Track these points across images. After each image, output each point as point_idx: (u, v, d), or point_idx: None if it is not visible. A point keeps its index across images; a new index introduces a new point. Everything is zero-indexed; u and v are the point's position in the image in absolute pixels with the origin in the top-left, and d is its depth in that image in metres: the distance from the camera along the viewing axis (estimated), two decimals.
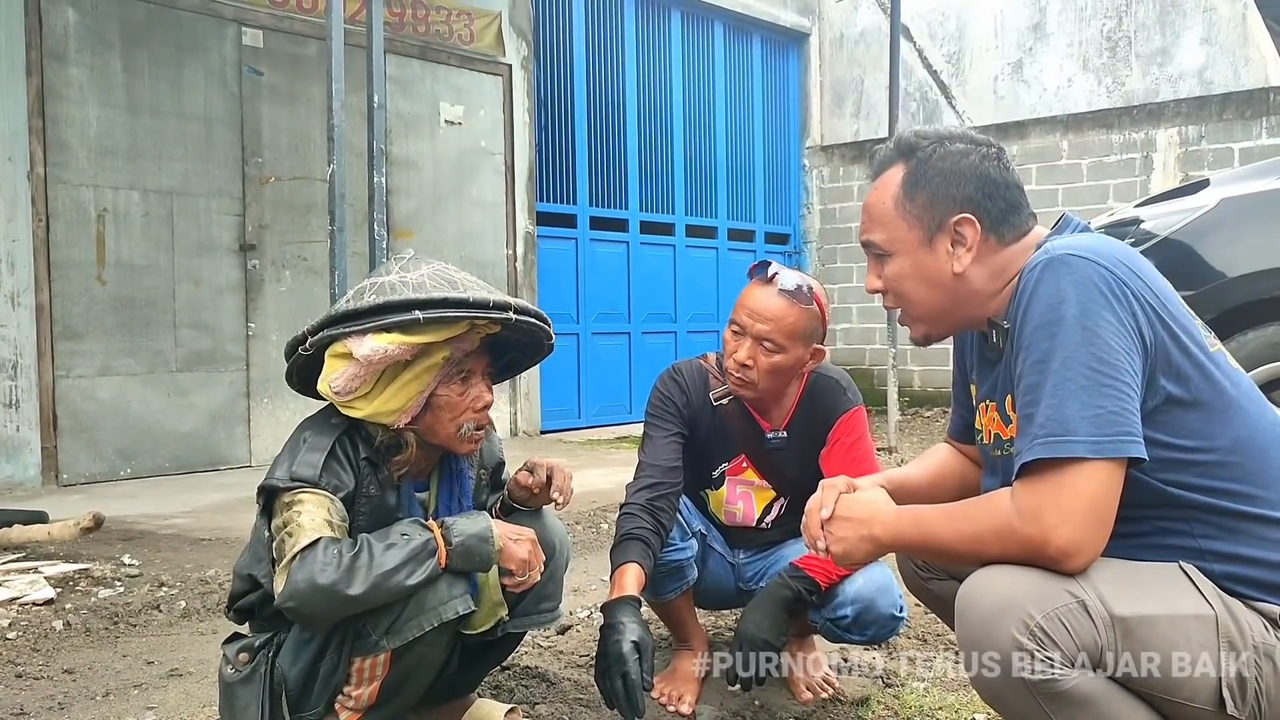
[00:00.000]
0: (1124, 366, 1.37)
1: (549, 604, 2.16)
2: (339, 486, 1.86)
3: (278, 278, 6.33)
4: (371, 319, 1.79)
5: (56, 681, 2.65)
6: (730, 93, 9.54)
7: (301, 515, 1.78)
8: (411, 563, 1.77)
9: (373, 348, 1.78)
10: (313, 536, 1.75)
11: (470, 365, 1.93)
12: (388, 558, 1.75)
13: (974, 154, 1.60)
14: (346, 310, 1.83)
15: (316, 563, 1.72)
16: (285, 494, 1.83)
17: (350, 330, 1.81)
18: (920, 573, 1.93)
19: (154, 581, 3.55)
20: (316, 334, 1.85)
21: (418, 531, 1.82)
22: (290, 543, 1.76)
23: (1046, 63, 9.07)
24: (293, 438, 1.93)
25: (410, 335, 1.80)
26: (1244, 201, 3.73)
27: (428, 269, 1.90)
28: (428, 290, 1.83)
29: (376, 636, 1.82)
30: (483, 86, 7.45)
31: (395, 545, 1.77)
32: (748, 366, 2.30)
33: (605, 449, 7.08)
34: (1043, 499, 1.35)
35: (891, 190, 1.63)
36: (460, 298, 1.82)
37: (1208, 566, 1.41)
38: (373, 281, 1.89)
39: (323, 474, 1.84)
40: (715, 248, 9.41)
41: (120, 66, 5.66)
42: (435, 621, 1.83)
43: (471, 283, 1.90)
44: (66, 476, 5.48)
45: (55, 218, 5.41)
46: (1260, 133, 7.75)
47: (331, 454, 1.86)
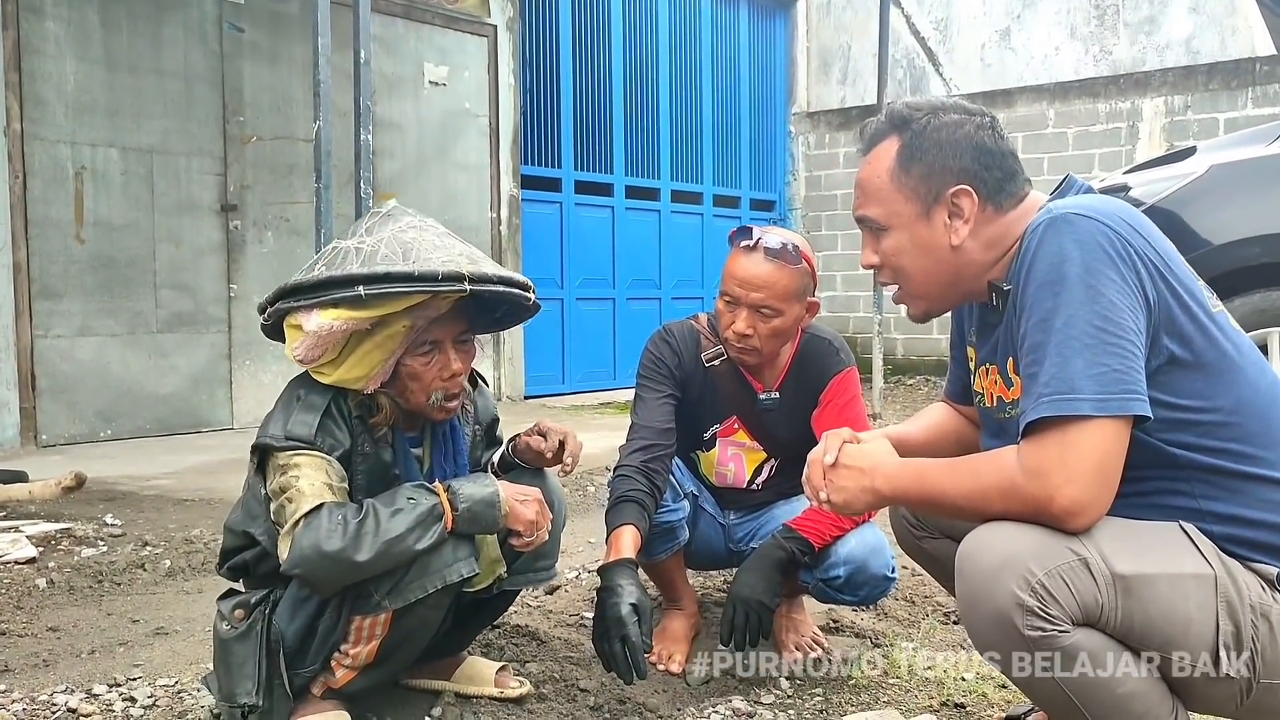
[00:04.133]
0: (1128, 325, 1.36)
1: (545, 562, 2.16)
2: (335, 445, 1.83)
3: (260, 239, 6.26)
4: (316, 294, 1.77)
5: (41, 639, 2.63)
6: (717, 58, 9.46)
7: (300, 479, 1.76)
8: (419, 528, 1.76)
9: (319, 323, 1.76)
10: (315, 502, 1.73)
11: (437, 334, 1.88)
12: (395, 523, 1.74)
13: (968, 124, 1.58)
14: (294, 284, 1.80)
15: (322, 529, 1.70)
16: (281, 454, 1.80)
17: (297, 305, 1.79)
18: (914, 531, 1.94)
19: (138, 541, 3.53)
20: (269, 308, 1.85)
21: (424, 496, 1.80)
22: (291, 508, 1.74)
23: (1034, 30, 9.04)
24: (286, 394, 1.90)
25: (357, 310, 1.76)
26: (1232, 168, 3.73)
27: (391, 231, 1.85)
28: (378, 260, 1.77)
29: (379, 597, 1.80)
30: (467, 47, 7.36)
31: (402, 510, 1.76)
32: (748, 335, 2.29)
33: (590, 414, 7.07)
34: (1048, 457, 1.35)
35: (886, 163, 1.61)
36: (404, 271, 1.75)
37: (1207, 527, 1.42)
38: (334, 246, 1.86)
39: (318, 434, 1.81)
40: (700, 214, 9.37)
41: (98, 21, 5.55)
42: (439, 584, 1.82)
43: (435, 247, 1.83)
44: (46, 437, 5.43)
45: (32, 175, 5.32)
46: (1246, 103, 7.76)
47: (327, 413, 1.84)
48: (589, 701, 2.18)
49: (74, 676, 2.36)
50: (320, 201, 3.78)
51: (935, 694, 2.25)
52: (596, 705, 2.17)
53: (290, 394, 1.89)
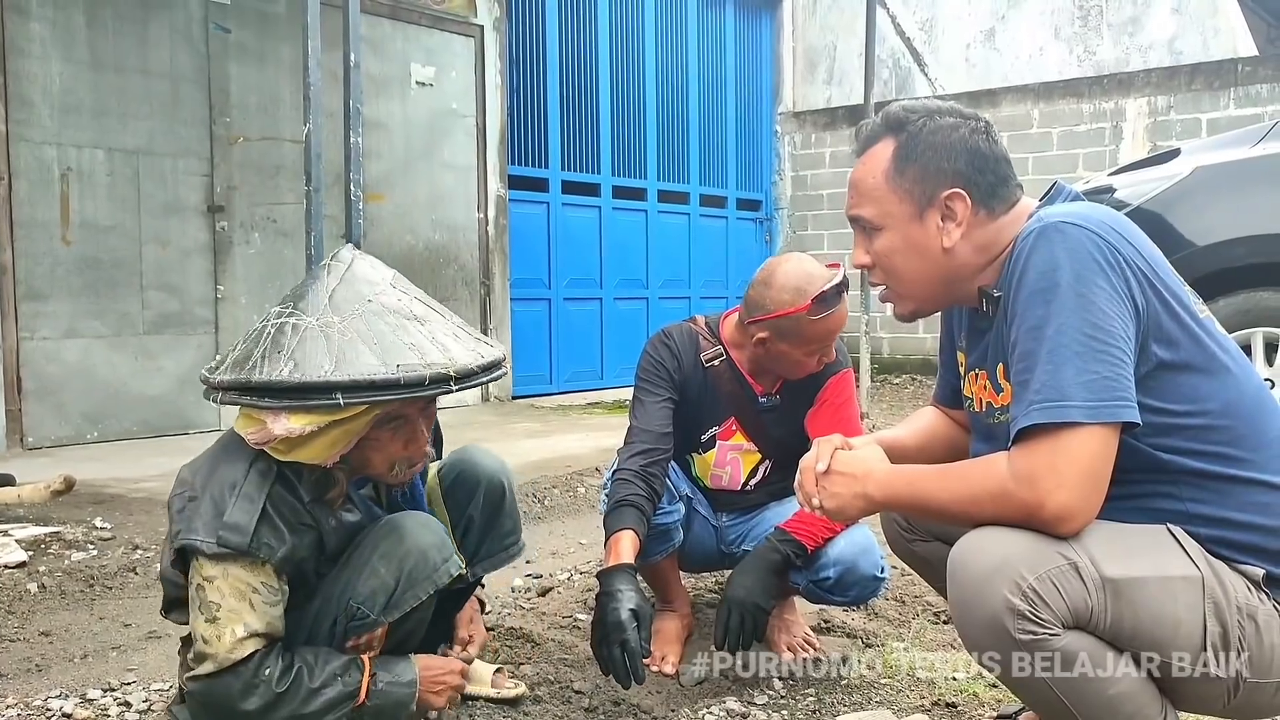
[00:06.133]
0: (1118, 332, 1.38)
1: (511, 539, 2.18)
2: (272, 550, 1.69)
3: (246, 240, 6.24)
4: (288, 398, 1.62)
5: (33, 644, 2.63)
6: (703, 57, 9.47)
7: (225, 600, 1.65)
8: (331, 710, 1.71)
9: (287, 428, 1.63)
10: (246, 644, 1.66)
11: (408, 410, 1.77)
12: (312, 703, 1.68)
13: (963, 128, 1.60)
14: (262, 381, 1.63)
15: (243, 682, 1.65)
16: (207, 563, 1.66)
17: (264, 405, 1.64)
18: (905, 534, 1.95)
19: (128, 544, 3.52)
20: (225, 391, 1.69)
21: (352, 676, 1.73)
22: (219, 635, 1.65)
23: (1019, 31, 9.09)
24: (215, 473, 1.73)
25: (327, 415, 1.64)
26: (1217, 170, 3.78)
27: (358, 310, 1.70)
28: (352, 360, 1.63)
29: (375, 615, 1.80)
30: (454, 48, 7.35)
31: (325, 691, 1.70)
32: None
33: (577, 414, 7.08)
34: (1039, 463, 1.37)
35: (881, 164, 1.62)
36: (387, 379, 1.63)
37: (1194, 530, 1.44)
38: (296, 324, 1.69)
39: (253, 539, 1.66)
40: (687, 213, 9.38)
41: (84, 21, 5.52)
42: (432, 589, 1.84)
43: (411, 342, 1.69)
44: (32, 440, 5.40)
45: (18, 176, 5.29)
46: (1228, 103, 7.83)
47: (264, 514, 1.68)
48: (583, 703, 2.20)
49: (68, 681, 2.37)
50: (310, 204, 3.77)
51: (927, 693, 2.27)
52: (591, 707, 2.19)
53: (221, 476, 1.72)
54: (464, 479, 2.14)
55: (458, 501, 2.14)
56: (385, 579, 1.80)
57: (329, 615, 1.82)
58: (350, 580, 1.81)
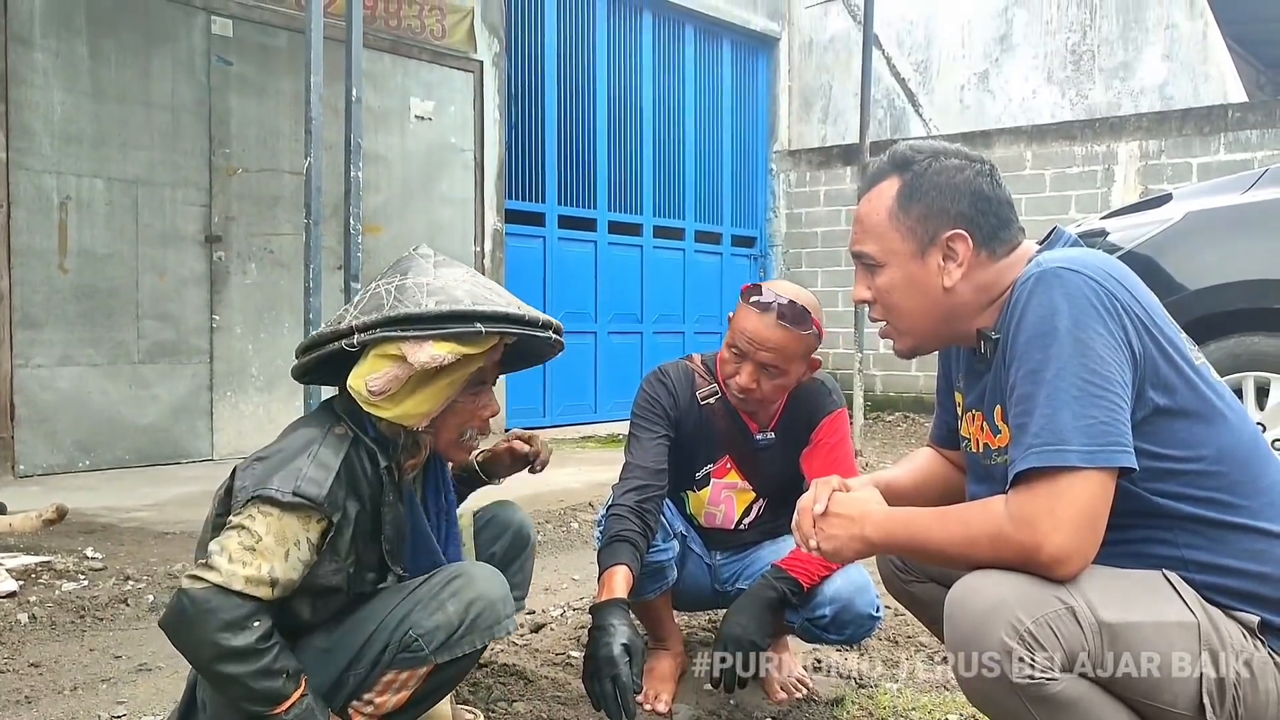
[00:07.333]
0: (1115, 378, 1.40)
1: (516, 593, 2.17)
2: (334, 513, 1.74)
3: (243, 270, 6.26)
4: (435, 326, 1.75)
5: (23, 675, 2.61)
6: (700, 95, 9.57)
7: (269, 535, 1.68)
8: (258, 701, 1.68)
9: (431, 354, 1.74)
10: (265, 576, 1.67)
11: (490, 375, 1.92)
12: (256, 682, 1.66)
13: (968, 169, 1.63)
14: (409, 314, 1.74)
15: (237, 615, 1.64)
16: (274, 508, 1.70)
17: (409, 335, 1.74)
18: (901, 575, 1.96)
19: (119, 575, 3.50)
20: (370, 330, 1.75)
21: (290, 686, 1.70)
22: (244, 557, 1.66)
23: (1012, 74, 9.20)
24: (294, 440, 1.80)
25: (465, 346, 1.77)
26: (1208, 215, 3.82)
27: (464, 272, 1.87)
28: (476, 299, 1.80)
29: (429, 652, 1.79)
30: (453, 82, 7.41)
31: (272, 678, 1.68)
32: (751, 389, 2.33)
33: (571, 448, 7.08)
34: (1036, 506, 1.38)
35: (886, 202, 1.65)
36: (518, 314, 1.82)
37: (1190, 575, 1.45)
38: (416, 282, 1.81)
39: (327, 498, 1.72)
40: (682, 249, 9.43)
41: (86, 53, 5.56)
42: (489, 638, 1.84)
43: (500, 293, 1.89)
44: (24, 468, 5.38)
45: (16, 204, 5.32)
46: (1218, 148, 7.91)
47: (338, 477, 1.75)
48: None
49: (56, 714, 2.35)
50: (309, 236, 3.80)
51: None
52: None
53: (301, 442, 1.79)
54: (497, 522, 2.27)
55: (484, 541, 2.23)
56: (451, 617, 1.79)
57: (381, 641, 1.79)
58: (412, 612, 1.80)
